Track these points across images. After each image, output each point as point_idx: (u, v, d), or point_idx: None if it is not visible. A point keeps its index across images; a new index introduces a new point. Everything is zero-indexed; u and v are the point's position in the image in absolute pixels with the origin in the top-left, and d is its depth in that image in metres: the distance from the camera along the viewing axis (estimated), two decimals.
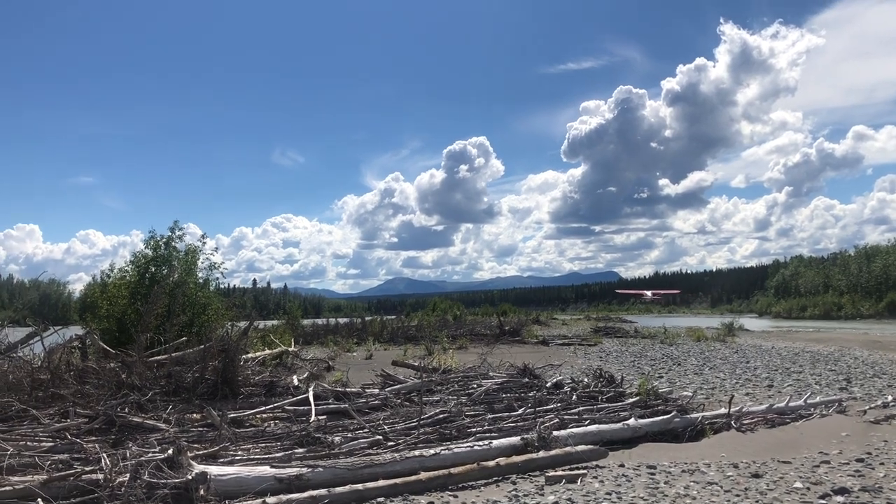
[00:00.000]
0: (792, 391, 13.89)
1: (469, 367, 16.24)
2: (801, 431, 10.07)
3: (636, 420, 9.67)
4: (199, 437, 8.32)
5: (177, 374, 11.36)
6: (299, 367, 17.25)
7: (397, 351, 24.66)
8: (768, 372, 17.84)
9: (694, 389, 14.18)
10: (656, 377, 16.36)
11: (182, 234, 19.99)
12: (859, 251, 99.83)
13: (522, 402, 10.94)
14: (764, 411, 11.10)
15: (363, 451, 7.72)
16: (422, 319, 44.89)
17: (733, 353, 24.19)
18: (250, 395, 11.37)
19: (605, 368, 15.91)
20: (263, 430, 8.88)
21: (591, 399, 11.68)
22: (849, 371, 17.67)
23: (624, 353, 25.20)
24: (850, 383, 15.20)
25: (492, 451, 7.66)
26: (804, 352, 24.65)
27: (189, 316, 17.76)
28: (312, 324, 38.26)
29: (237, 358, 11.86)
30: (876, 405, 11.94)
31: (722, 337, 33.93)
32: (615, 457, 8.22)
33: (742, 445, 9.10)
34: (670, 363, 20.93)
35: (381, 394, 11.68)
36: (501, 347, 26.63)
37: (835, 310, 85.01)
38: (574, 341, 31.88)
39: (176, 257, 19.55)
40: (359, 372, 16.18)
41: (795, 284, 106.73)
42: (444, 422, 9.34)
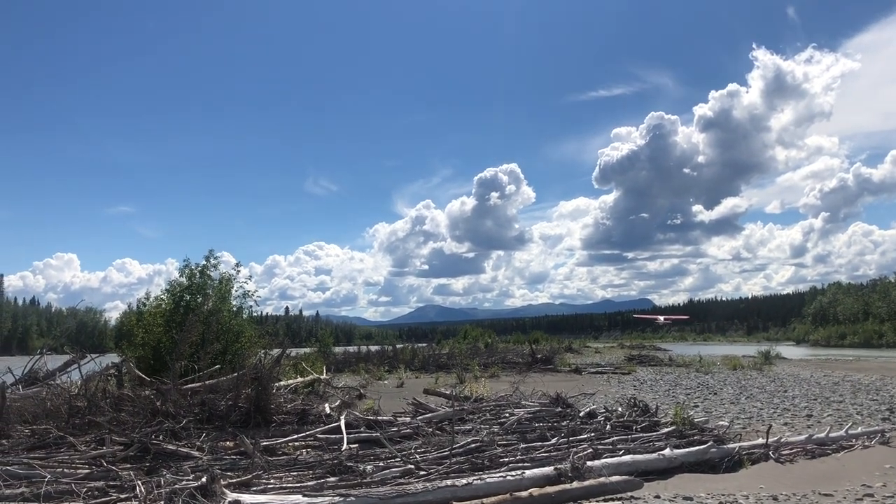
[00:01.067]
0: (832, 421, 13.57)
1: (501, 395, 16.13)
2: (842, 463, 9.83)
3: (671, 450, 9.51)
4: (232, 465, 8.34)
5: (210, 401, 11.44)
6: (331, 395, 17.26)
7: (429, 379, 24.59)
8: (807, 401, 17.47)
9: (730, 419, 13.93)
10: (692, 406, 16.10)
11: (216, 262, 20.25)
12: None
13: (555, 431, 10.82)
14: (803, 442, 10.86)
15: (395, 481, 7.69)
16: (453, 347, 44.75)
17: (770, 382, 23.75)
18: (283, 423, 11.40)
19: (640, 397, 15.71)
20: (296, 458, 8.88)
21: (626, 429, 11.52)
22: (891, 401, 17.24)
23: (658, 382, 24.86)
24: (893, 413, 14.83)
25: (524, 482, 7.57)
26: (844, 381, 24.12)
27: (223, 344, 17.90)
28: (344, 351, 38.39)
29: (270, 386, 11.92)
30: None
31: (759, 365, 33.35)
32: (650, 488, 8.09)
33: (781, 477, 8.91)
34: (706, 392, 20.59)
35: (412, 422, 11.63)
36: (534, 376, 26.44)
37: (875, 338, 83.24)
38: (607, 370, 31.53)
39: (210, 286, 19.77)
40: (390, 400, 16.16)
41: (834, 312, 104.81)
42: (476, 451, 9.26)
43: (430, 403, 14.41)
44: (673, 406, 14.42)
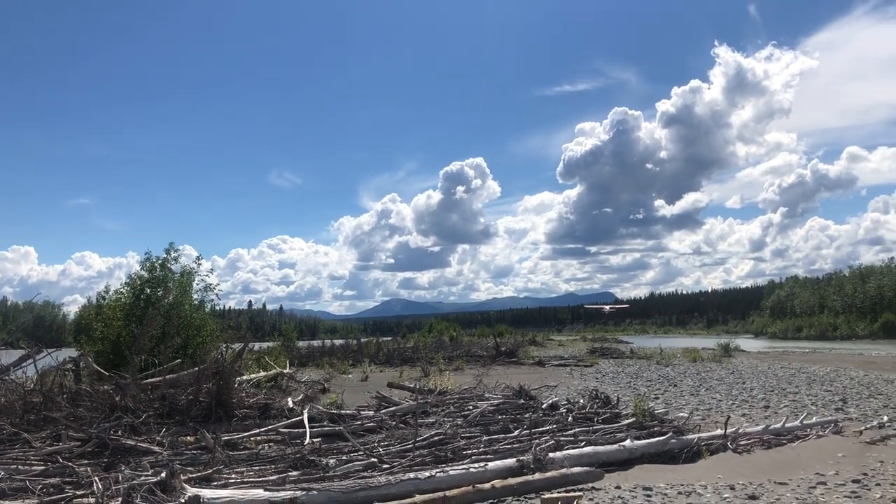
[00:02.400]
0: (788, 412, 13.85)
1: (465, 388, 16.18)
2: (797, 452, 10.04)
3: (632, 441, 9.63)
4: (193, 459, 8.26)
5: (171, 396, 11.31)
6: (294, 389, 17.17)
7: (393, 373, 24.58)
8: (764, 393, 17.81)
9: (690, 410, 14.15)
10: (652, 398, 16.31)
11: (178, 255, 19.99)
12: (854, 272, 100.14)
13: (518, 423, 10.90)
14: (760, 432, 11.07)
15: (358, 474, 7.67)
16: (418, 341, 44.80)
17: (729, 374, 24.16)
18: (245, 418, 11.31)
19: (601, 389, 15.86)
20: (257, 452, 8.81)
21: (587, 420, 11.64)
22: (845, 392, 17.65)
23: (620, 374, 25.15)
24: (846, 404, 15.19)
25: (487, 474, 7.61)
26: (800, 372, 24.63)
27: (184, 338, 17.69)
28: (308, 345, 38.18)
29: (232, 380, 11.81)
30: (872, 426, 11.92)
31: (718, 358, 33.93)
32: (611, 479, 8.18)
33: (738, 467, 9.07)
34: (666, 384, 20.89)
35: (376, 416, 11.62)
36: (498, 368, 26.57)
37: (830, 330, 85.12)
38: (570, 362, 31.82)
39: (171, 279, 19.52)
40: (354, 394, 16.13)
41: (791, 305, 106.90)
42: (439, 444, 9.29)
43: (393, 397, 14.41)
44: (634, 398, 14.60)
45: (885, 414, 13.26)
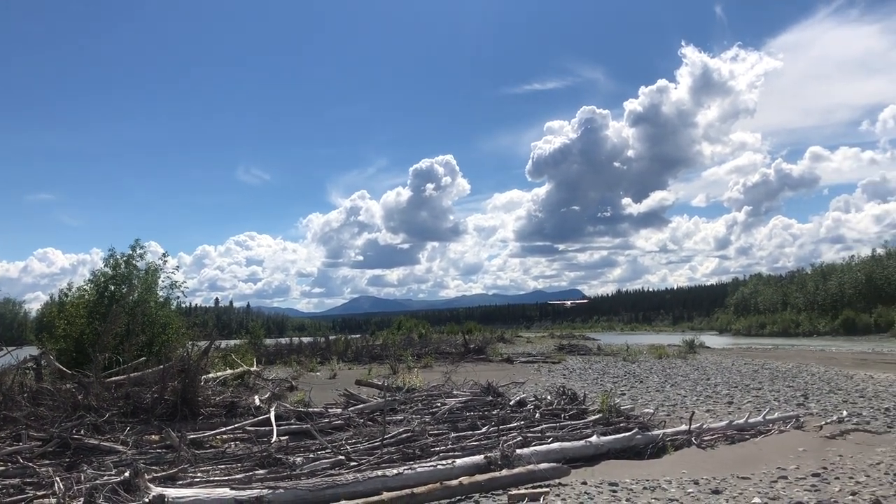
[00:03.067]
0: (751, 407, 14.07)
1: (433, 385, 16.19)
2: (760, 447, 10.20)
3: (598, 437, 9.72)
4: (158, 458, 8.18)
5: (135, 394, 11.18)
6: (261, 387, 17.04)
7: (361, 370, 24.51)
8: (728, 388, 18.07)
9: (655, 406, 14.30)
10: (618, 394, 16.47)
11: (143, 252, 19.76)
12: (816, 270, 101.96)
13: (486, 420, 10.94)
14: (724, 427, 11.23)
15: (325, 472, 7.65)
16: (387, 338, 44.73)
17: (694, 370, 24.46)
18: (211, 416, 11.22)
19: (569, 386, 15.99)
20: (224, 451, 8.74)
21: (555, 417, 11.73)
22: (806, 387, 17.97)
23: (587, 371, 25.35)
24: (808, 399, 15.46)
25: (455, 471, 7.63)
26: (763, 368, 25.01)
27: (149, 335, 17.50)
28: (275, 343, 37.95)
29: (197, 378, 11.71)
30: (832, 420, 12.16)
31: (683, 354, 34.33)
32: (578, 474, 8.24)
33: (702, 462, 9.19)
34: (632, 380, 21.09)
35: (343, 413, 11.59)
36: (466, 366, 26.61)
37: (792, 327, 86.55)
38: (538, 359, 31.98)
39: (136, 276, 19.27)
40: (322, 392, 16.06)
41: (755, 302, 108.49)
42: (407, 441, 9.29)
43: (362, 394, 14.38)
44: (600, 394, 14.72)
45: (844, 409, 13.53)
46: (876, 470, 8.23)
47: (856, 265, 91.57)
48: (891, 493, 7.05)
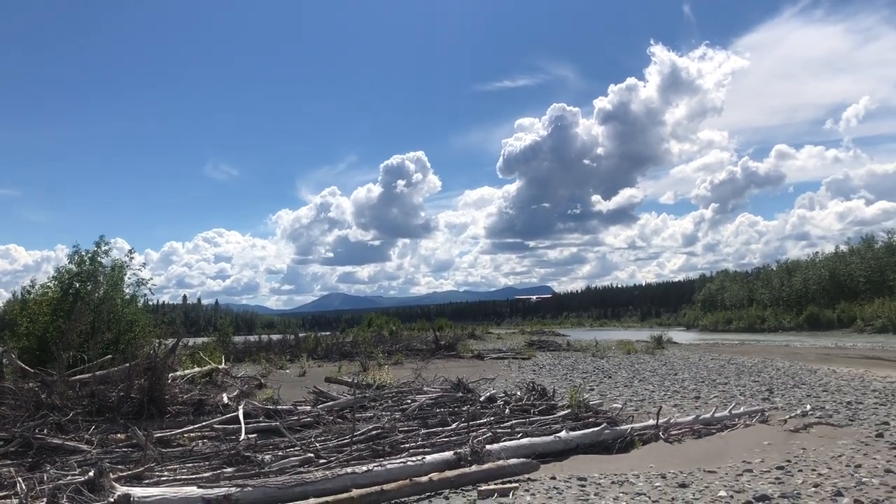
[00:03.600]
0: (718, 402, 14.25)
1: (404, 382, 16.18)
2: (726, 441, 10.34)
3: (567, 433, 9.79)
4: (124, 458, 8.07)
5: (100, 393, 11.01)
6: (230, 384, 16.90)
7: (331, 367, 24.39)
8: (695, 383, 18.28)
9: (624, 401, 14.42)
10: (587, 390, 16.58)
11: (109, 249, 19.44)
12: (781, 266, 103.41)
13: (456, 416, 10.95)
14: (691, 422, 11.37)
15: (294, 470, 7.61)
16: (357, 335, 44.52)
17: (662, 366, 24.71)
18: (178, 414, 11.10)
19: (538, 381, 16.05)
20: (191, 449, 8.66)
21: (524, 412, 11.77)
22: (771, 382, 18.24)
23: (557, 367, 25.48)
24: (772, 394, 15.70)
25: (425, 467, 7.63)
26: (729, 363, 25.34)
27: (115, 333, 17.25)
28: (244, 341, 37.55)
29: (164, 376, 11.58)
30: (796, 414, 12.37)
31: (651, 350, 34.67)
32: (547, 469, 8.30)
33: (670, 456, 9.30)
34: (601, 376, 21.26)
35: (313, 411, 11.54)
36: (437, 362, 26.63)
37: (758, 322, 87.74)
38: (508, 355, 32.09)
39: (102, 273, 18.97)
40: (291, 389, 15.95)
41: (721, 298, 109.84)
42: (377, 438, 9.28)
43: (331, 392, 14.33)
44: (570, 389, 14.81)
45: (808, 403, 13.77)
46: (838, 462, 8.40)
47: (820, 262, 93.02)
48: (851, 484, 7.20)
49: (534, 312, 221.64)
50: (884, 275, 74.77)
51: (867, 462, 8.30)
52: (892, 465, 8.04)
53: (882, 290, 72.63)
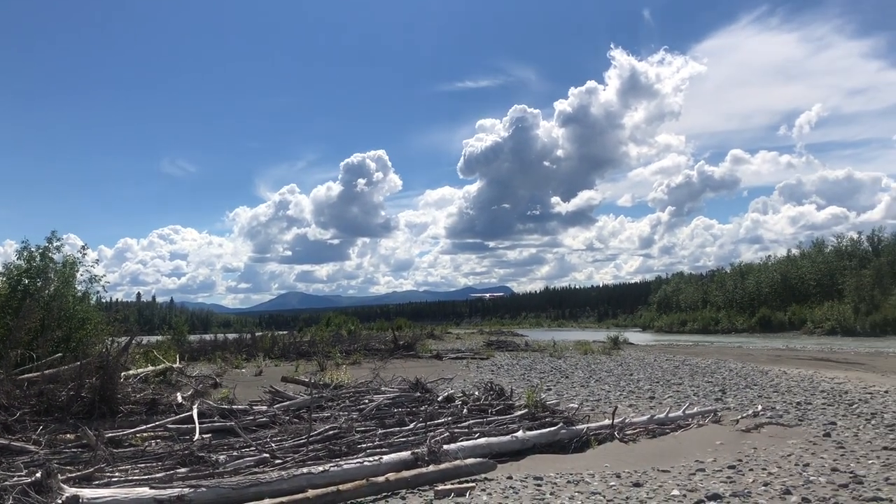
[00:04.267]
0: (672, 402, 14.46)
1: (361, 382, 16.11)
2: (679, 441, 10.51)
3: (524, 432, 9.84)
4: (73, 458, 7.90)
5: (50, 392, 10.76)
6: (184, 384, 16.65)
7: (289, 367, 24.17)
8: (650, 384, 18.53)
9: (580, 401, 14.55)
10: (545, 390, 16.69)
11: (60, 245, 18.95)
12: (734, 269, 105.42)
13: (414, 416, 10.94)
14: (646, 422, 11.52)
15: (249, 470, 7.53)
16: (315, 334, 44.18)
17: (618, 366, 24.99)
18: (130, 414, 10.91)
19: (496, 381, 16.13)
20: (144, 449, 8.50)
21: (482, 412, 11.81)
22: (724, 383, 18.57)
23: (515, 367, 25.61)
24: (725, 394, 15.99)
25: (382, 467, 7.61)
26: (684, 364, 25.73)
27: (66, 331, 16.84)
28: (199, 339, 36.96)
29: (116, 375, 11.37)
30: (747, 415, 12.62)
31: (608, 350, 35.08)
32: (503, 469, 8.33)
33: (625, 455, 9.41)
34: (558, 376, 21.43)
35: (269, 410, 11.42)
36: (395, 362, 26.57)
37: (712, 324, 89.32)
38: (467, 355, 32.16)
39: (52, 269, 18.50)
40: (247, 389, 15.77)
41: (676, 300, 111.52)
42: (333, 438, 9.22)
43: (288, 391, 14.19)
44: (527, 389, 14.90)
45: (759, 403, 14.05)
46: (787, 461, 8.59)
47: (772, 265, 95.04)
48: (800, 483, 7.37)
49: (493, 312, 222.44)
50: (833, 278, 76.67)
51: (815, 461, 8.50)
52: (838, 464, 8.26)
53: (831, 293, 74.50)
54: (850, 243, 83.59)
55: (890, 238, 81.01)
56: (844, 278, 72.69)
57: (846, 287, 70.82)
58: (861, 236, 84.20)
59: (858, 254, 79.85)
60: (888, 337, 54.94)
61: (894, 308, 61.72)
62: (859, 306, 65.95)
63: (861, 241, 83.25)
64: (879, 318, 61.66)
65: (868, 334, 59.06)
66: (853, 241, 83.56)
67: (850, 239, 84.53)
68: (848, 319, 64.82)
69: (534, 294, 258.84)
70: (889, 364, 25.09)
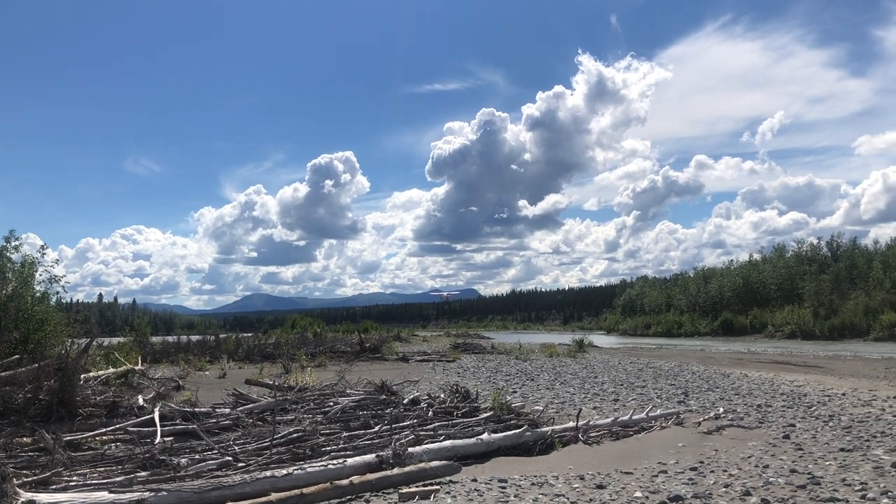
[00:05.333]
0: (636, 405, 14.61)
1: (327, 384, 16.01)
2: (642, 443, 10.62)
3: (489, 435, 9.86)
4: (30, 462, 7.73)
5: (6, 394, 10.51)
6: (146, 386, 16.40)
7: (253, 369, 23.94)
8: (615, 386, 18.69)
9: (545, 404, 14.63)
10: (510, 392, 16.76)
11: (19, 244, 18.56)
12: (698, 273, 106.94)
13: (379, 419, 10.89)
14: (609, 424, 11.61)
15: (211, 473, 7.43)
16: (280, 337, 43.83)
17: (583, 369, 25.18)
18: (90, 417, 10.69)
19: (462, 384, 16.15)
20: (103, 453, 8.36)
21: (447, 415, 11.80)
22: (687, 385, 18.82)
23: (481, 369, 25.67)
24: (688, 397, 16.20)
25: (346, 470, 7.57)
26: (648, 367, 26.02)
27: (24, 332, 16.49)
28: (162, 341, 36.51)
29: (76, 377, 11.15)
30: (709, 417, 12.80)
31: (573, 353, 35.34)
32: (468, 471, 8.35)
33: (589, 457, 9.49)
34: (524, 378, 21.52)
35: (232, 413, 11.29)
36: (361, 365, 26.49)
37: (676, 327, 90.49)
38: (433, 357, 32.16)
39: (10, 269, 18.12)
40: (210, 391, 15.59)
41: (641, 303, 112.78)
42: (297, 441, 9.15)
43: (252, 394, 14.04)
44: (493, 392, 14.94)
45: (720, 406, 14.27)
46: (747, 463, 8.73)
47: (734, 269, 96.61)
48: (759, 484, 7.49)
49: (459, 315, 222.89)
50: (794, 283, 78.15)
51: (774, 462, 8.66)
52: (797, 466, 8.42)
53: (792, 297, 75.91)
54: (810, 249, 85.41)
55: (848, 244, 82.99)
56: (804, 283, 74.19)
57: (806, 292, 72.28)
58: (821, 242, 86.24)
59: (818, 259, 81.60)
60: (846, 340, 56.21)
61: (852, 312, 63.11)
62: (818, 310, 67.32)
63: (821, 246, 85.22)
64: (838, 322, 63.00)
65: (827, 338, 60.34)
66: (813, 247, 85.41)
67: (810, 244, 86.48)
68: (807, 323, 66.13)
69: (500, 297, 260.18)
70: (847, 367, 25.66)
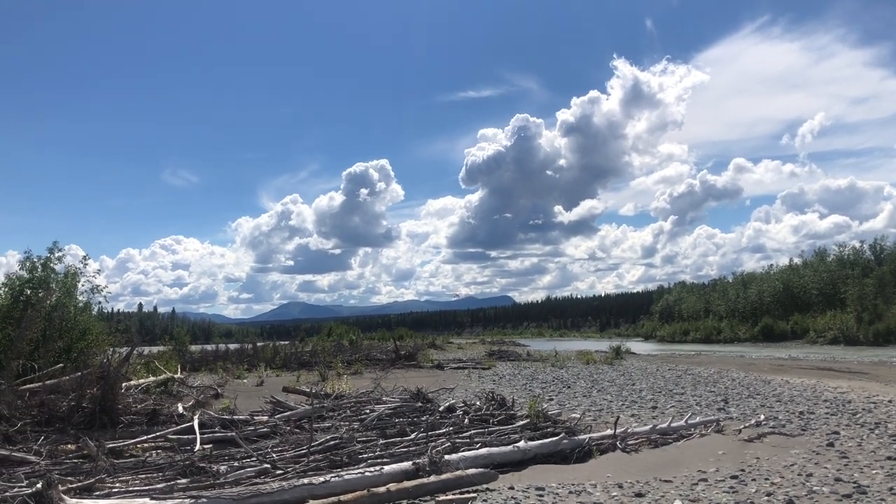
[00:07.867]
0: (674, 412, 14.42)
1: (363, 392, 16.09)
2: (681, 451, 10.47)
3: (526, 442, 9.81)
4: (74, 469, 7.88)
5: (51, 402, 10.75)
6: (185, 394, 16.63)
7: (290, 377, 24.15)
8: (653, 394, 18.47)
9: (582, 411, 14.51)
10: (546, 399, 16.65)
11: (62, 255, 19.00)
12: (737, 278, 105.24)
13: (415, 426, 10.91)
14: (648, 432, 11.48)
15: (250, 480, 7.50)
16: (316, 344, 44.15)
17: (620, 376, 24.93)
18: (131, 424, 10.89)
19: (498, 391, 16.09)
20: (144, 460, 8.49)
21: (483, 422, 11.78)
22: (726, 392, 18.52)
23: (516, 377, 25.55)
24: (728, 404, 15.93)
25: (383, 477, 7.58)
26: (686, 374, 25.66)
27: (67, 341, 16.86)
28: (201, 350, 36.99)
29: (117, 385, 11.36)
30: (750, 424, 12.57)
31: (610, 360, 35.00)
32: (505, 479, 8.30)
33: (627, 465, 9.38)
34: (560, 386, 21.37)
35: (270, 421, 11.41)
36: (396, 372, 26.55)
37: (714, 334, 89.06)
38: (468, 365, 32.12)
39: (54, 279, 18.54)
40: (248, 399, 15.75)
41: (679, 309, 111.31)
42: (334, 448, 9.20)
43: (289, 402, 14.17)
44: (529, 399, 14.87)
45: (761, 413, 14.01)
46: (790, 471, 8.56)
47: (774, 274, 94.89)
48: (803, 493, 7.34)
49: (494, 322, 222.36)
50: (835, 287, 76.46)
51: (818, 471, 8.47)
52: (841, 474, 8.22)
53: (833, 302, 74.26)
54: (852, 252, 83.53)
55: (892, 247, 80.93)
56: (847, 287, 72.51)
57: (849, 296, 70.62)
58: (863, 245, 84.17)
59: (861, 263, 79.70)
60: (891, 346, 54.80)
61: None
62: (862, 315, 65.74)
63: (863, 249, 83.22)
64: (882, 327, 61.45)
65: (871, 344, 58.87)
66: (855, 250, 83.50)
67: (853, 248, 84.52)
68: (850, 329, 64.61)
69: (535, 304, 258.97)
70: (892, 373, 25.04)
